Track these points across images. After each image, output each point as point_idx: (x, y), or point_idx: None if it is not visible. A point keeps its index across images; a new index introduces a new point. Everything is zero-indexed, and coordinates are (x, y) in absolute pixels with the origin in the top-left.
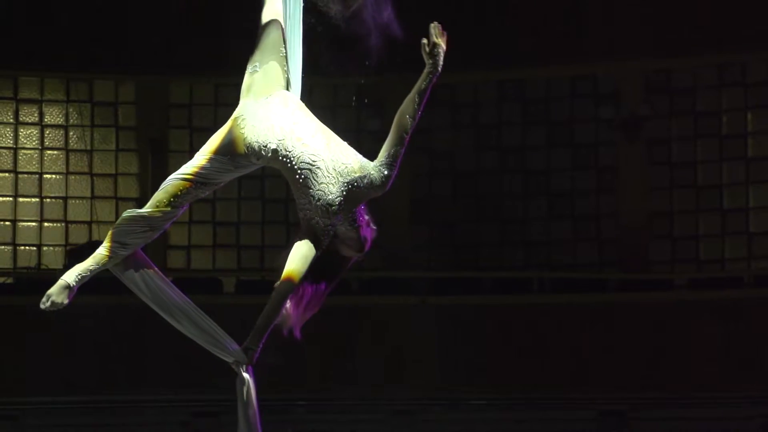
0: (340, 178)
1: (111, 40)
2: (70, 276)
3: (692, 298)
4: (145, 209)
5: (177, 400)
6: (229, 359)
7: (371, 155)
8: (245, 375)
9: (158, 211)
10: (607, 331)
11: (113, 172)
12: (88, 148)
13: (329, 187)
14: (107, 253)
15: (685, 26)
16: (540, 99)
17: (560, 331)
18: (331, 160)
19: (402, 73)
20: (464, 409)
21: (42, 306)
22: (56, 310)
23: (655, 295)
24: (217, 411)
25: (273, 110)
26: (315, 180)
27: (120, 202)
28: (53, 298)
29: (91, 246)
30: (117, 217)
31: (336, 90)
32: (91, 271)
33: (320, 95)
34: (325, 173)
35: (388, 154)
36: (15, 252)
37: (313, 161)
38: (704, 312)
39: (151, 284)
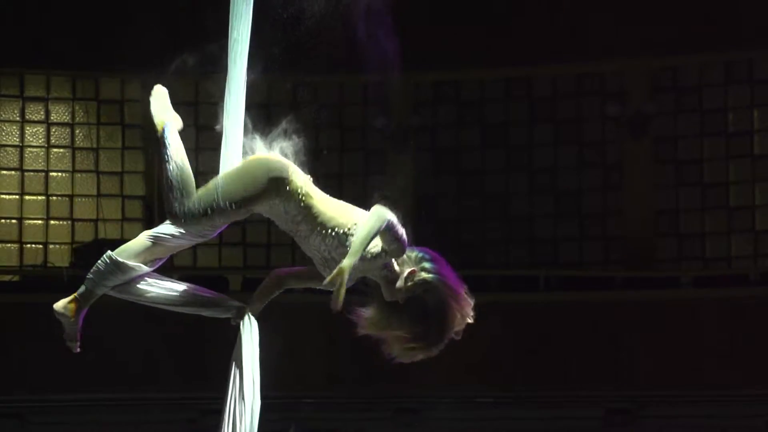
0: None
1: (117, 38)
2: (75, 317)
3: (698, 295)
4: (129, 261)
5: (184, 398)
6: (231, 313)
7: (376, 155)
8: (252, 317)
9: (138, 266)
10: (613, 329)
11: (119, 170)
12: (94, 146)
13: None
14: (92, 290)
15: (692, 24)
16: (546, 97)
17: (566, 329)
18: (329, 251)
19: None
20: (470, 407)
21: (76, 350)
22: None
23: (661, 293)
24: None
25: (274, 215)
26: (320, 268)
27: (126, 200)
28: (74, 341)
29: (97, 244)
30: (123, 216)
31: (341, 89)
32: (85, 306)
33: (325, 94)
34: (328, 265)
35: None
36: (21, 250)
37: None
38: (710, 310)
39: (135, 290)
